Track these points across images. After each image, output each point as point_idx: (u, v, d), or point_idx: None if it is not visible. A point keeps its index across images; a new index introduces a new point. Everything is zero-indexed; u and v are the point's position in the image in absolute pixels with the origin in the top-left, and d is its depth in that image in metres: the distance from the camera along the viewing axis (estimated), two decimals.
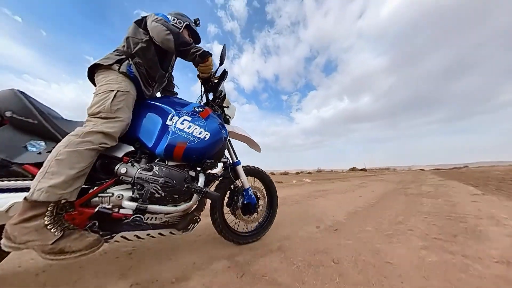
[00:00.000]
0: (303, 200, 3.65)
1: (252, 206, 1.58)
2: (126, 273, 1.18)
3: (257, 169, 1.78)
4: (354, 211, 2.70)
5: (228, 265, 1.28)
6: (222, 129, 1.37)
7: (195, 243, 1.65)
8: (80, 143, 0.93)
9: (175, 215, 1.20)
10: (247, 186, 1.59)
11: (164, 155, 1.17)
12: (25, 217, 0.79)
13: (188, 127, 1.22)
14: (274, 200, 1.85)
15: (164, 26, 1.21)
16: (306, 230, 1.93)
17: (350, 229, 1.93)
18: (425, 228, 1.92)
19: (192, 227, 1.28)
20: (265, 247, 1.55)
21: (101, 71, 1.18)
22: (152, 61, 1.33)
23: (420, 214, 2.51)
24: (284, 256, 1.40)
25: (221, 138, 1.34)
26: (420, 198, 3.77)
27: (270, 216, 1.81)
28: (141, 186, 1.06)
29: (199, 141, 1.22)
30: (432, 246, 1.51)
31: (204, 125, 1.27)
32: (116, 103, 1.08)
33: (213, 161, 1.32)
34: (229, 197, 1.63)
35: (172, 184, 1.10)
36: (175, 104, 1.32)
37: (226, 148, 1.59)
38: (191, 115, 1.26)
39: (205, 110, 1.35)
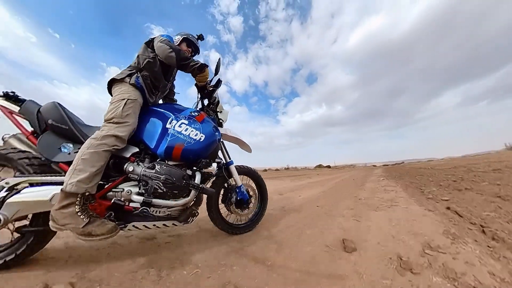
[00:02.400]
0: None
1: (244, 202, 1.81)
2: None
3: (249, 168, 2.02)
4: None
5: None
6: (216, 132, 1.59)
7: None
8: (98, 145, 1.16)
9: (176, 208, 1.42)
10: (240, 183, 1.82)
11: (164, 155, 1.39)
12: (62, 205, 1.03)
13: (185, 130, 1.44)
14: (264, 196, 2.10)
15: (167, 45, 1.48)
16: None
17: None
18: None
19: (192, 219, 1.50)
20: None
21: (116, 83, 1.46)
22: (157, 74, 1.60)
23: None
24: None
25: (215, 140, 1.56)
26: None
27: (261, 210, 2.05)
28: (146, 182, 1.28)
29: (195, 143, 1.44)
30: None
31: (200, 128, 1.49)
32: (126, 110, 1.32)
33: (208, 160, 1.55)
34: (223, 194, 1.85)
35: (172, 181, 1.32)
36: (174, 109, 1.55)
37: (220, 149, 1.82)
38: (188, 119, 1.49)
39: (200, 114, 1.58)
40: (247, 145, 2.05)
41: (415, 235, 1.68)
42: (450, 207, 2.38)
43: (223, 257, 1.40)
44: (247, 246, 1.58)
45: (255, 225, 1.97)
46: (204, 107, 1.79)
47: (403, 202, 2.93)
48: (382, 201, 3.04)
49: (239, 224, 1.90)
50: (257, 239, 1.74)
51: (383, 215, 2.33)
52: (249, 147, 2.08)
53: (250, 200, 1.87)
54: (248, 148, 2.08)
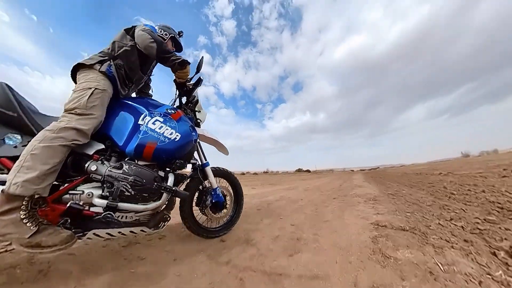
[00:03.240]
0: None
1: (220, 205, 1.76)
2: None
3: (225, 170, 1.96)
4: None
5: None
6: (192, 132, 1.52)
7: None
8: (54, 138, 1.00)
9: (146, 213, 1.31)
10: (215, 186, 1.76)
11: (134, 154, 1.27)
12: (3, 210, 0.85)
13: (160, 128, 1.35)
14: (240, 198, 2.06)
15: (149, 35, 1.38)
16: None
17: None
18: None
19: (163, 225, 1.40)
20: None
21: (83, 70, 1.29)
22: (134, 64, 1.47)
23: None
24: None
25: (191, 140, 1.49)
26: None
27: (237, 213, 2.01)
28: (111, 184, 1.15)
29: (169, 142, 1.35)
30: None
31: (176, 126, 1.41)
32: (92, 100, 1.18)
33: (183, 161, 1.47)
34: (198, 196, 1.77)
35: (141, 183, 1.21)
36: (148, 104, 1.43)
37: (196, 150, 1.74)
38: (163, 116, 1.39)
39: (177, 112, 1.49)
40: (224, 147, 2.00)
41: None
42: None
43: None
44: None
45: (230, 228, 1.93)
46: (182, 105, 1.70)
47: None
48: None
49: (214, 228, 1.84)
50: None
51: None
52: (226, 150, 2.03)
53: (225, 203, 1.82)
54: (225, 150, 2.04)
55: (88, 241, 1.15)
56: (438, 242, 1.46)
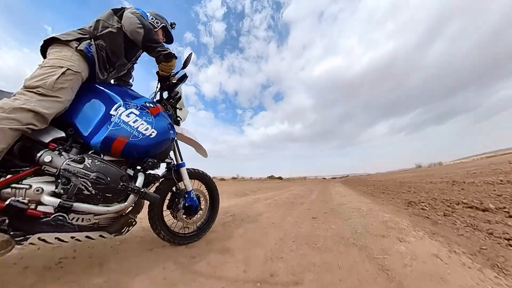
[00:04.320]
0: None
1: (193, 209, 1.65)
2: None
3: (201, 172, 1.86)
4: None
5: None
6: (170, 129, 1.41)
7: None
8: (4, 119, 0.83)
9: (107, 216, 1.15)
10: (190, 188, 1.65)
11: (101, 147, 1.13)
12: None
13: (134, 121, 1.22)
14: (216, 203, 1.96)
15: (138, 19, 1.27)
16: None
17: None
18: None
19: (127, 230, 1.25)
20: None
21: (56, 45, 1.12)
22: (118, 48, 1.34)
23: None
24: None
25: (168, 138, 1.38)
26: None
27: (211, 218, 1.91)
28: (67, 179, 0.99)
29: (143, 138, 1.23)
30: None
31: (152, 122, 1.29)
32: (61, 81, 1.02)
33: (156, 161, 1.34)
34: (170, 199, 1.64)
35: (105, 181, 1.07)
36: (125, 94, 1.30)
37: (172, 149, 1.62)
38: (139, 109, 1.26)
39: (156, 107, 1.37)
40: (203, 149, 1.90)
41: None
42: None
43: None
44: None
45: (204, 234, 1.81)
46: (163, 100, 1.58)
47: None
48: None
49: (186, 233, 1.71)
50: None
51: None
52: (205, 152, 1.93)
53: (199, 207, 1.71)
54: (204, 152, 1.94)
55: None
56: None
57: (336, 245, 1.62)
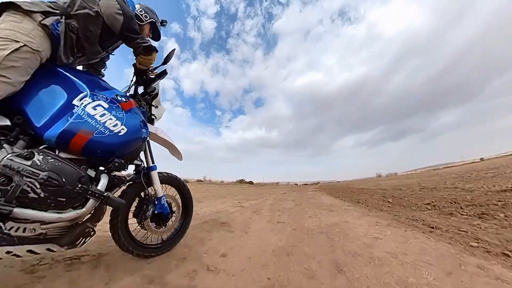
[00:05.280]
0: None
1: (164, 217, 1.48)
2: None
3: (174, 176, 1.70)
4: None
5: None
6: (143, 128, 1.28)
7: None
8: None
9: (58, 225, 0.96)
10: (161, 194, 1.49)
11: (56, 142, 0.96)
12: None
13: (101, 115, 1.07)
14: (189, 210, 1.81)
15: (120, 5, 1.14)
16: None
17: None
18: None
19: (83, 241, 1.05)
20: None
21: (14, 13, 0.92)
22: (92, 34, 1.16)
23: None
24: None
25: (139, 138, 1.25)
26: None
27: (184, 227, 1.74)
28: (8, 178, 0.81)
29: (110, 135, 1.09)
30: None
31: (123, 117, 1.16)
32: (13, 59, 0.85)
33: (124, 162, 1.20)
34: (137, 205, 1.46)
35: (59, 182, 0.90)
36: (94, 84, 1.14)
37: (143, 150, 1.46)
38: (109, 102, 1.12)
39: (128, 102, 1.23)
40: (178, 151, 1.77)
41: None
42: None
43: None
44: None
45: (175, 244, 1.65)
46: (137, 95, 1.43)
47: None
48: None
49: (154, 244, 1.53)
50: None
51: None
52: (180, 154, 1.80)
53: (171, 215, 1.55)
54: (179, 154, 1.80)
55: None
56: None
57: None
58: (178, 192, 1.76)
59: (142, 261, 1.40)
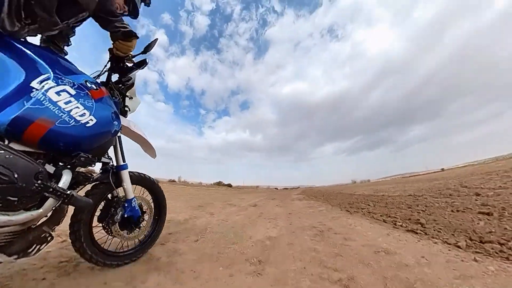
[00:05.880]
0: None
1: (134, 221, 1.34)
2: None
3: (146, 176, 1.56)
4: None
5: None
6: (114, 120, 1.17)
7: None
8: None
9: (6, 230, 0.79)
10: (131, 196, 1.35)
11: (7, 130, 0.81)
12: None
13: (66, 102, 0.94)
14: (163, 214, 1.67)
15: None
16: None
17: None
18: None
19: (37, 249, 0.87)
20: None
21: None
22: (50, 2, 0.94)
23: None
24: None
25: (109, 131, 1.13)
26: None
27: (155, 232, 1.59)
28: None
29: (76, 126, 0.96)
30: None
31: (92, 107, 1.03)
32: None
33: (91, 157, 1.06)
34: (103, 208, 1.29)
35: (9, 178, 0.75)
36: (59, 65, 0.99)
37: (113, 145, 1.32)
38: (77, 89, 0.99)
39: (99, 90, 1.10)
40: (152, 148, 1.63)
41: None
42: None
43: None
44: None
45: (146, 250, 1.49)
46: (110, 83, 1.29)
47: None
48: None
49: (122, 252, 1.36)
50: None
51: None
52: (153, 151, 1.66)
53: (142, 219, 1.41)
54: (153, 152, 1.66)
55: None
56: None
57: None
58: (151, 194, 1.61)
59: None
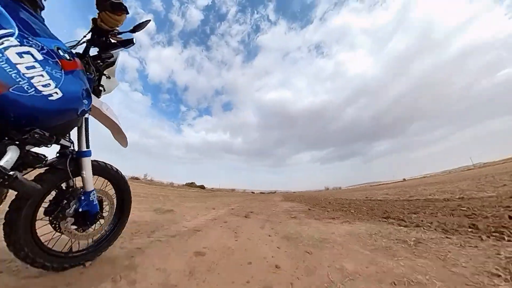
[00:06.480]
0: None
1: (89, 217, 1.15)
2: None
3: (112, 168, 1.38)
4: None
5: None
6: (84, 99, 1.03)
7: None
8: None
9: None
10: (91, 188, 1.17)
11: None
12: None
13: (28, 67, 0.80)
14: (126, 213, 1.48)
15: None
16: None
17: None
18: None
19: None
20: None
21: None
22: None
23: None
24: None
25: (75, 109, 0.99)
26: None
27: (114, 233, 1.39)
28: None
29: (35, 96, 0.82)
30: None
31: (60, 79, 0.90)
32: None
33: (48, 135, 0.90)
34: (53, 199, 1.09)
35: None
36: (28, 23, 0.85)
37: (78, 127, 1.15)
38: (45, 54, 0.85)
39: (73, 61, 0.97)
40: (124, 137, 1.47)
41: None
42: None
43: None
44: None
45: (98, 255, 1.29)
46: (87, 56, 1.14)
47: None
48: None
49: (72, 253, 1.16)
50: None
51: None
52: (125, 140, 1.50)
53: (99, 216, 1.22)
54: (124, 140, 1.50)
55: None
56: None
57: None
58: (115, 189, 1.42)
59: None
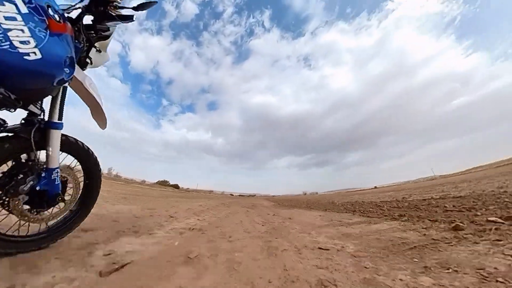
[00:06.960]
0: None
1: (49, 198, 1.02)
2: None
3: (84, 147, 1.25)
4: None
5: None
6: (66, 67, 0.94)
7: None
8: None
9: None
10: (55, 165, 1.05)
11: None
12: None
13: (8, 18, 0.74)
14: (93, 195, 1.34)
15: None
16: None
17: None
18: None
19: None
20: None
21: None
22: None
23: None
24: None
25: (53, 76, 0.90)
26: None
27: (74, 220, 1.24)
28: None
29: (8, 51, 0.74)
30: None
31: (43, 39, 0.82)
32: None
33: (13, 98, 0.81)
34: (7, 172, 0.96)
35: None
36: None
37: (53, 96, 1.04)
38: (31, 8, 0.77)
39: (63, 24, 0.89)
40: (103, 116, 1.36)
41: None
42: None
43: None
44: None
45: (62, 237, 1.17)
46: (80, 23, 1.05)
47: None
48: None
49: (27, 236, 1.03)
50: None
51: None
52: (105, 120, 1.39)
53: (60, 198, 1.09)
54: (103, 121, 1.39)
55: None
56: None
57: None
58: (84, 171, 1.29)
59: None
